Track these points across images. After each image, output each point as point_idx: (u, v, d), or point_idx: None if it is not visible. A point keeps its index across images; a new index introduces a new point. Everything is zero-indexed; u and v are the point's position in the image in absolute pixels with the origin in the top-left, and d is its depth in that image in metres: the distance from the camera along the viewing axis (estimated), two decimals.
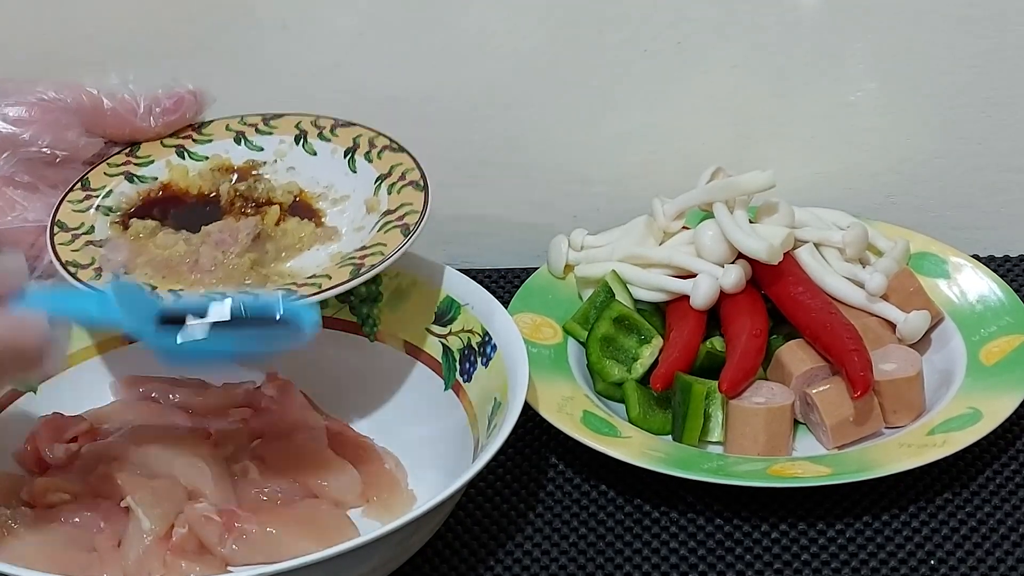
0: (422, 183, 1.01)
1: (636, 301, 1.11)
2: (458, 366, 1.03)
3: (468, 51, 1.19)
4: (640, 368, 1.08)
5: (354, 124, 1.05)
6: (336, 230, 1.01)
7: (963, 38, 1.18)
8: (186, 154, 1.04)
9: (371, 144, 1.05)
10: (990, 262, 1.21)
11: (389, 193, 1.01)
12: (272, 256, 1.00)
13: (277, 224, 1.01)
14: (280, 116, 1.07)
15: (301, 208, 1.03)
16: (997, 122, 1.21)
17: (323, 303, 1.07)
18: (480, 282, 1.05)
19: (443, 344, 1.04)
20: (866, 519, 0.99)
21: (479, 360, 1.01)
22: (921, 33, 1.18)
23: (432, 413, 1.03)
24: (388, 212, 1.00)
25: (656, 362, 1.07)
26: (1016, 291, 1.12)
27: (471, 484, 0.98)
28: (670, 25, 1.18)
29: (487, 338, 1.01)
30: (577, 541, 0.99)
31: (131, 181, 1.03)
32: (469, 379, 1.02)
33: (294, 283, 0.96)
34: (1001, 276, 1.14)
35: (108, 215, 1.01)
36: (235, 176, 1.04)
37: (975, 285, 1.13)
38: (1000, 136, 1.21)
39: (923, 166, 1.23)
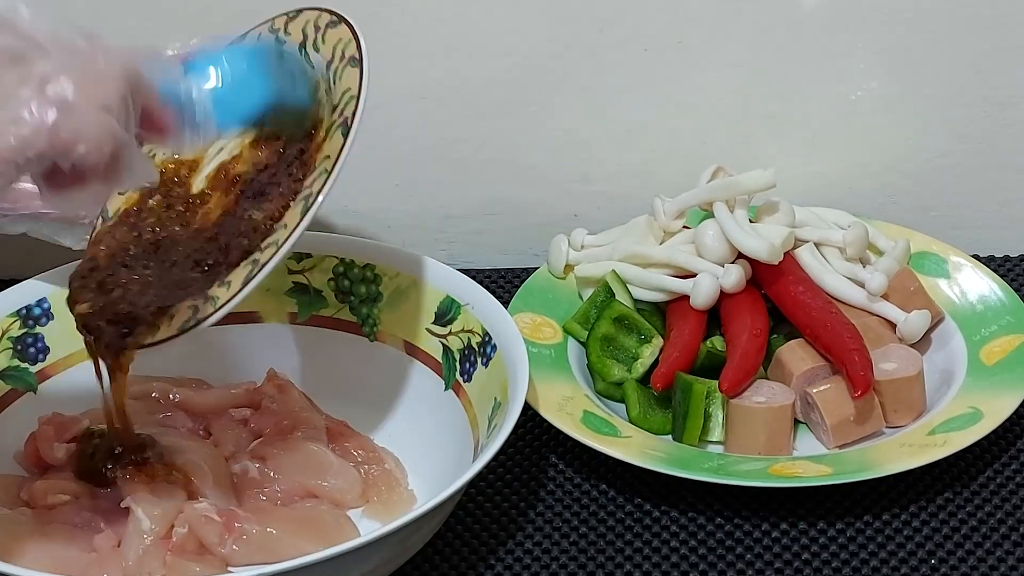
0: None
1: (636, 301, 1.11)
2: (458, 366, 1.03)
3: (468, 50, 1.19)
4: (640, 368, 1.08)
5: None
6: None
7: (963, 38, 1.18)
8: None
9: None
10: (990, 262, 1.21)
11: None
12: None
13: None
14: None
15: None
16: (997, 122, 1.21)
17: (323, 303, 1.08)
18: (480, 282, 1.05)
19: (443, 344, 1.04)
20: (866, 519, 0.99)
21: (479, 360, 1.01)
22: (921, 33, 1.18)
23: (432, 413, 1.03)
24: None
25: (656, 362, 1.07)
26: (1016, 291, 1.12)
27: (471, 484, 0.98)
28: (670, 24, 1.18)
29: (487, 338, 1.01)
30: (577, 541, 0.98)
31: None
32: (469, 379, 1.02)
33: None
34: (1001, 276, 1.14)
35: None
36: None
37: (975, 285, 1.13)
38: (1000, 136, 1.21)
39: (923, 166, 1.23)
